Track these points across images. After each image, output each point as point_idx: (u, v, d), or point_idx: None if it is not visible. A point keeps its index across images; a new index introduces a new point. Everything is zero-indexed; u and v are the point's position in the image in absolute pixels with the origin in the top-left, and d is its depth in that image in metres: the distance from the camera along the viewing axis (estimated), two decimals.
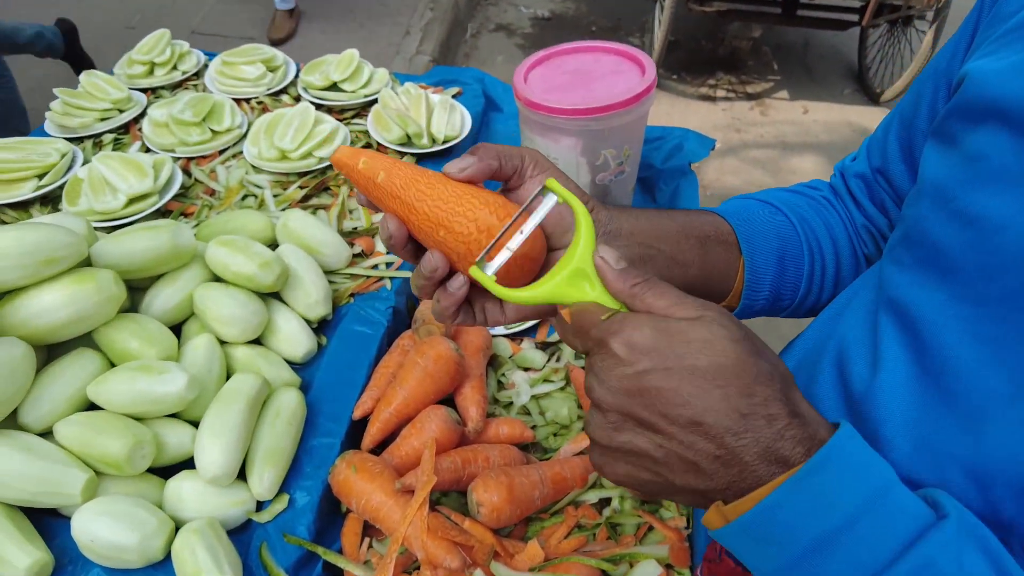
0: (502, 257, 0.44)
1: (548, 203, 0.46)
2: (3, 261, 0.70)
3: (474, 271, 0.45)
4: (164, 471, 0.73)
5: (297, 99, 1.32)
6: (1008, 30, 0.44)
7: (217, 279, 0.86)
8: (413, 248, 0.49)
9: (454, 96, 1.32)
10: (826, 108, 3.40)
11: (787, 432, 0.38)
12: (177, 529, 0.68)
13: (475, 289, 0.48)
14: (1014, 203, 0.40)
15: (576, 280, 0.44)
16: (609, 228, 0.52)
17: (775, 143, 3.21)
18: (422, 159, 1.17)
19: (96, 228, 1.02)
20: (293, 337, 0.86)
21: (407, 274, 0.98)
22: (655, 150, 1.26)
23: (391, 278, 0.97)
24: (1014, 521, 0.39)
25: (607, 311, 0.42)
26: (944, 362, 0.43)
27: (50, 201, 1.08)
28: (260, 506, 0.72)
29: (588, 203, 0.51)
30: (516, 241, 0.44)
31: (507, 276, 0.45)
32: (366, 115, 1.25)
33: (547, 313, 0.52)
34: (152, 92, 1.33)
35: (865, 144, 0.67)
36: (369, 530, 0.74)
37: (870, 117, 3.34)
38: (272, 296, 0.89)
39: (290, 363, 0.86)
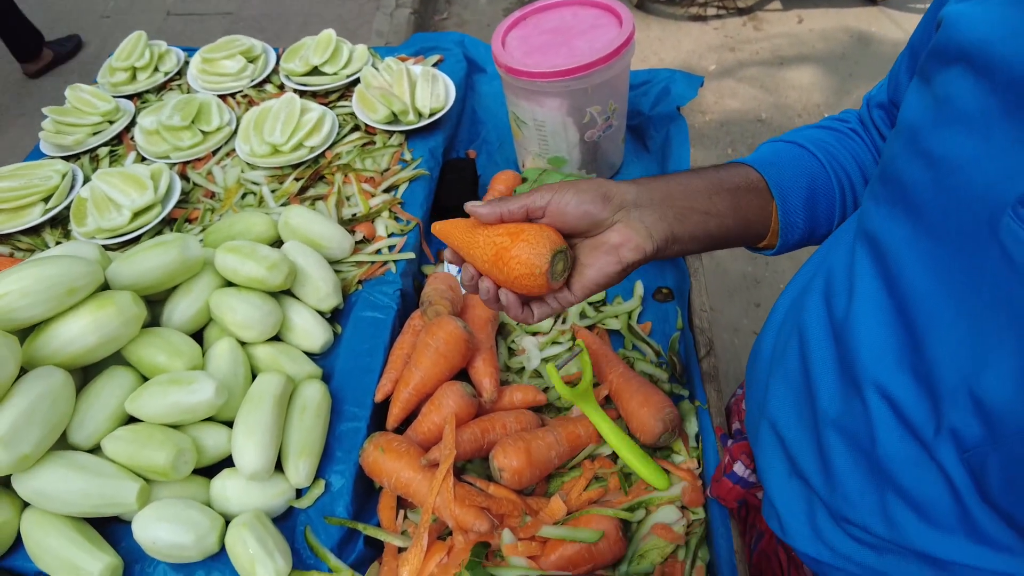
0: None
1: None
2: (29, 298, 0.74)
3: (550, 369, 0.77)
4: (207, 471, 0.79)
5: (280, 87, 1.32)
6: None
7: (229, 283, 0.90)
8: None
9: (435, 64, 1.31)
10: (821, 14, 3.28)
11: None
12: (227, 523, 0.74)
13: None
14: (971, 145, 0.42)
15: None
16: (640, 202, 0.59)
17: (771, 59, 3.12)
18: (411, 136, 1.18)
19: (106, 246, 1.05)
20: (309, 331, 0.90)
21: (410, 255, 1.01)
22: (642, 95, 1.25)
23: (395, 261, 1.00)
24: (955, 425, 0.43)
25: None
26: (906, 290, 0.46)
27: (59, 223, 1.12)
28: (299, 493, 0.78)
29: (609, 193, 0.58)
30: None
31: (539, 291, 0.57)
32: (350, 95, 1.26)
33: (608, 284, 0.59)
34: (138, 98, 1.34)
35: (888, 75, 0.68)
36: (403, 502, 0.79)
37: (868, 19, 3.22)
38: (284, 294, 0.93)
39: (310, 355, 0.90)
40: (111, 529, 0.76)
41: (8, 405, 0.69)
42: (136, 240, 1.06)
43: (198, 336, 0.89)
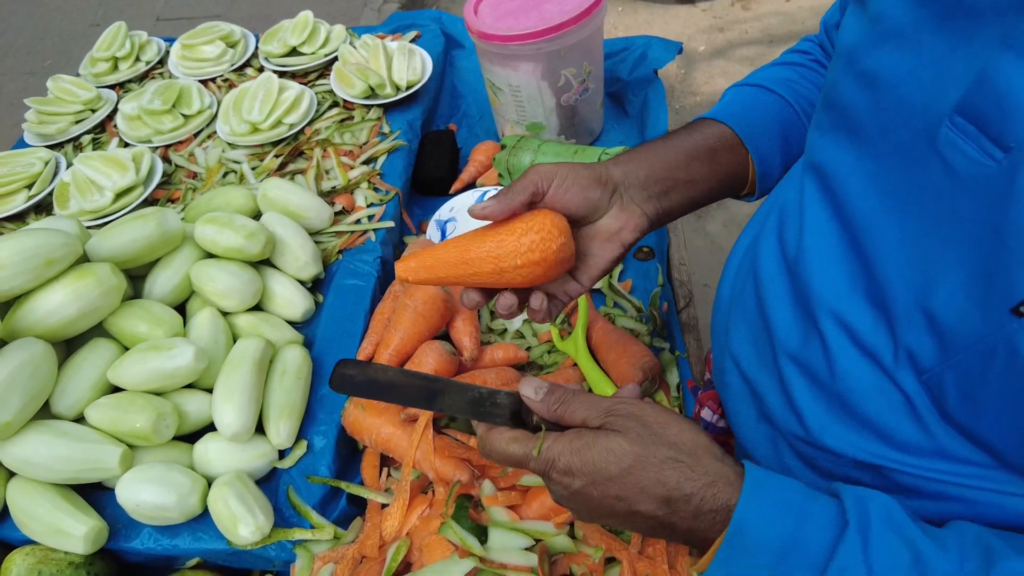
0: None
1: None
2: (7, 270, 0.74)
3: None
4: (190, 438, 0.79)
5: (260, 71, 1.33)
6: None
7: (210, 256, 0.90)
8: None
9: (412, 40, 1.31)
10: None
11: (704, 506, 0.45)
12: (210, 485, 0.74)
13: (554, 283, 0.59)
14: (904, 61, 0.42)
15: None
16: (628, 182, 0.59)
17: (761, 38, 3.11)
18: (389, 109, 1.18)
19: (90, 227, 1.06)
20: (290, 299, 0.90)
21: (390, 224, 1.02)
22: (620, 62, 1.25)
23: (375, 230, 1.00)
24: (911, 347, 0.43)
25: (533, 441, 0.51)
26: (854, 213, 0.46)
27: (43, 209, 1.13)
28: (282, 455, 0.78)
29: (604, 177, 0.58)
30: None
31: (546, 274, 0.53)
32: (329, 75, 1.26)
33: (612, 268, 0.61)
34: (120, 87, 1.35)
35: None
36: (387, 462, 0.80)
37: None
38: (264, 264, 0.93)
39: (292, 323, 0.91)
40: (95, 497, 0.76)
41: None
42: None
43: (180, 310, 0.89)
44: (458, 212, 1.07)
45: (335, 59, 1.27)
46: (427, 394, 0.56)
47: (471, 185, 1.13)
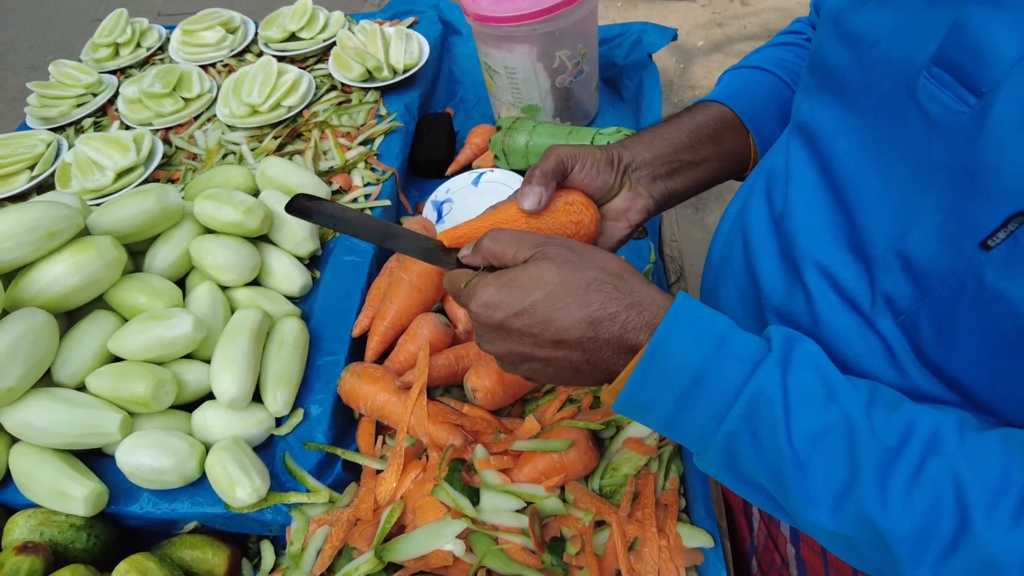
0: None
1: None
2: (9, 241, 0.76)
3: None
4: (189, 409, 0.81)
5: (259, 55, 1.34)
6: None
7: (209, 232, 0.92)
8: None
9: (410, 26, 1.33)
10: None
11: (628, 324, 0.46)
12: (208, 452, 0.76)
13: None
14: (886, 19, 0.44)
15: None
16: (635, 164, 0.62)
17: (760, 33, 3.13)
18: (386, 92, 1.20)
19: (91, 205, 1.07)
20: (287, 274, 0.92)
21: (387, 203, 1.03)
22: (616, 48, 1.26)
23: (371, 208, 1.02)
24: (888, 290, 0.45)
25: (467, 277, 0.51)
26: (838, 168, 0.48)
27: (45, 189, 1.14)
28: (279, 424, 0.80)
29: (615, 159, 0.60)
30: None
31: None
32: (327, 59, 1.28)
33: (619, 247, 0.64)
34: (121, 72, 1.37)
35: None
36: (382, 431, 0.81)
37: None
38: (263, 240, 0.95)
39: (290, 299, 0.92)
40: (95, 464, 0.78)
41: None
42: None
43: (180, 285, 0.91)
44: (454, 193, 1.09)
45: (333, 44, 1.29)
46: (382, 234, 0.57)
47: (467, 167, 1.15)
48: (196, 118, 1.23)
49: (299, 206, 0.58)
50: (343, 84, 1.21)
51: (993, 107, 0.36)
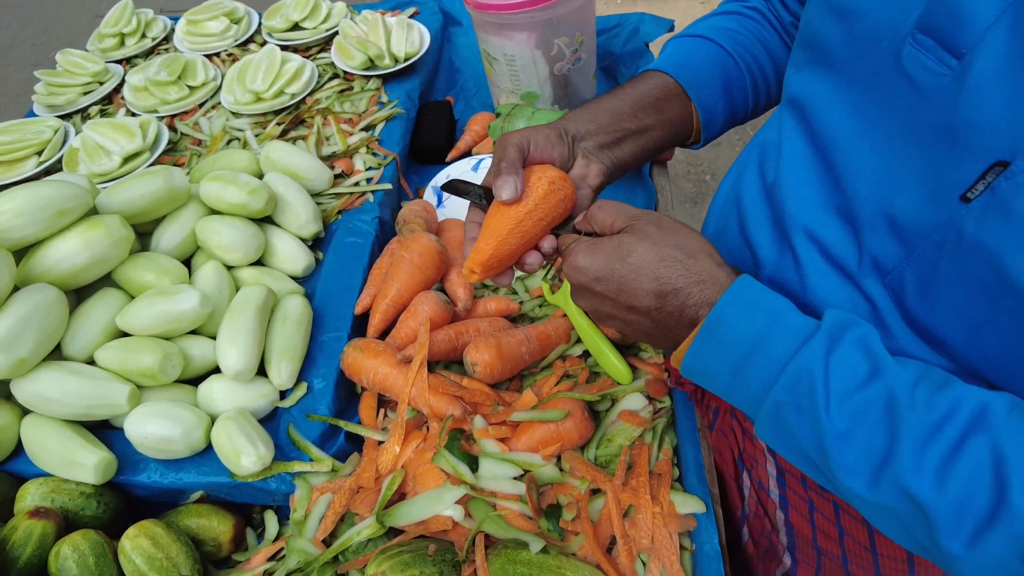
0: None
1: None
2: (21, 218, 0.78)
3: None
4: (195, 383, 0.83)
5: (263, 45, 1.36)
6: None
7: (214, 213, 0.94)
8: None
9: (411, 16, 1.35)
10: None
11: (690, 299, 0.50)
12: (213, 423, 0.78)
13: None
14: None
15: None
16: (582, 134, 0.65)
17: None
18: (388, 80, 1.22)
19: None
20: (291, 255, 0.94)
21: (388, 186, 1.05)
22: (614, 37, 1.29)
23: (373, 192, 1.04)
24: (875, 251, 0.47)
25: (568, 241, 0.59)
26: (828, 138, 0.50)
27: (52, 175, 1.16)
28: (283, 396, 0.82)
29: (563, 132, 0.63)
30: None
31: (567, 209, 0.61)
32: (330, 49, 1.30)
33: (590, 205, 0.64)
34: (127, 62, 1.39)
35: None
36: (384, 404, 0.83)
37: None
38: (267, 222, 0.97)
39: (293, 279, 0.94)
40: (104, 435, 0.80)
41: (4, 314, 0.73)
42: None
43: (186, 265, 0.93)
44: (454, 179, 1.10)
45: (336, 33, 1.31)
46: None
47: (467, 153, 1.17)
48: (201, 105, 1.25)
49: (453, 186, 0.64)
50: (345, 72, 1.23)
51: (972, 66, 0.38)
